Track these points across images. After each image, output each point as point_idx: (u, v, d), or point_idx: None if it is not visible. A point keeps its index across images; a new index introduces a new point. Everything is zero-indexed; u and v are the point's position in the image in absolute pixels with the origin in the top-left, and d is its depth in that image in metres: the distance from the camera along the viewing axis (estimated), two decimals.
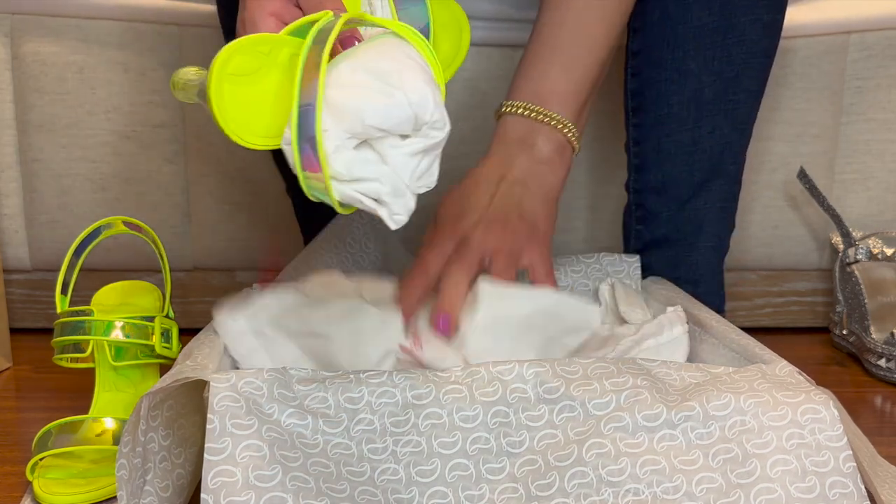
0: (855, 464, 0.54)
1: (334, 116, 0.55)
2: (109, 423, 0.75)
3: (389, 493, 0.55)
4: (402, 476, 0.55)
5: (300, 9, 0.62)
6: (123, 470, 0.55)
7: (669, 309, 0.76)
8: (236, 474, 0.51)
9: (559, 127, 0.81)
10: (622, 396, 0.57)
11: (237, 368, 0.69)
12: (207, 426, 0.53)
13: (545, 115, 0.80)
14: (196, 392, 0.64)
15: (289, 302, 0.74)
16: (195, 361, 0.60)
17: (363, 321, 0.73)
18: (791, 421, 0.55)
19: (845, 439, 0.55)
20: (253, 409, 0.54)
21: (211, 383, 0.55)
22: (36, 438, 0.74)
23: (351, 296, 0.75)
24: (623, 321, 0.81)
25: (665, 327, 0.73)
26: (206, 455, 0.52)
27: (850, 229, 1.13)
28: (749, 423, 0.55)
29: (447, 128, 0.58)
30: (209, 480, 0.51)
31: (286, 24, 0.60)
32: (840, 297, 1.12)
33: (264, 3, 0.61)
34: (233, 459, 0.51)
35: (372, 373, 0.59)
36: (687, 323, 0.75)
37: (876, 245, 1.11)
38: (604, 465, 0.55)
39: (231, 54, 0.56)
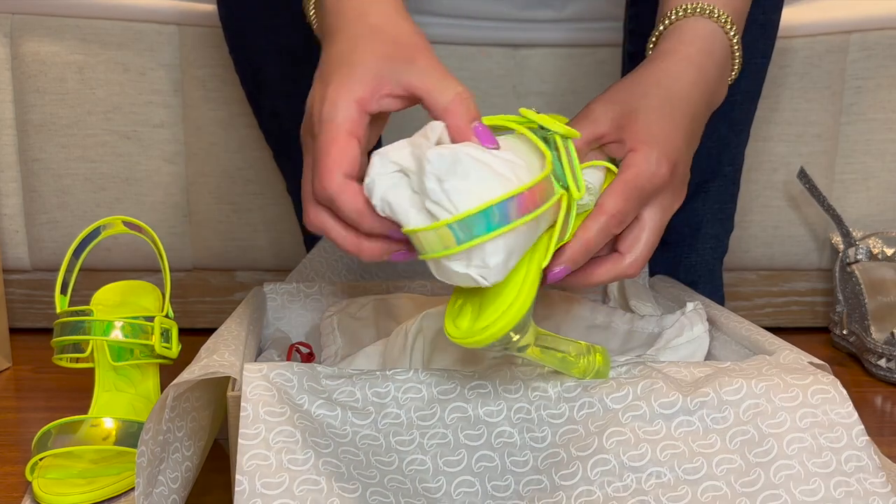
0: (867, 437, 0.56)
1: None
2: (109, 423, 0.75)
3: (417, 483, 0.56)
4: (429, 466, 0.57)
5: (399, 99, 0.58)
6: (143, 457, 0.56)
7: (689, 306, 0.76)
8: (270, 458, 0.52)
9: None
10: (638, 388, 0.59)
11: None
12: (241, 413, 0.54)
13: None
14: (212, 388, 0.64)
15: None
16: (223, 357, 0.61)
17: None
18: (802, 402, 0.57)
19: (856, 415, 0.57)
20: (284, 398, 0.56)
21: (244, 373, 0.56)
22: (36, 438, 0.74)
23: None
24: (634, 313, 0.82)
25: (686, 328, 0.73)
26: (240, 440, 0.53)
27: (850, 229, 1.13)
28: (762, 406, 0.57)
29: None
30: (244, 462, 0.52)
31: (369, 113, 0.57)
32: (840, 297, 1.12)
33: (351, 88, 0.57)
34: (266, 444, 0.53)
35: (398, 370, 0.60)
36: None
37: (876, 245, 1.11)
38: (625, 452, 0.56)
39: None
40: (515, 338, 0.55)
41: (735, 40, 0.71)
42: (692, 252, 0.98)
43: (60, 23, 1.08)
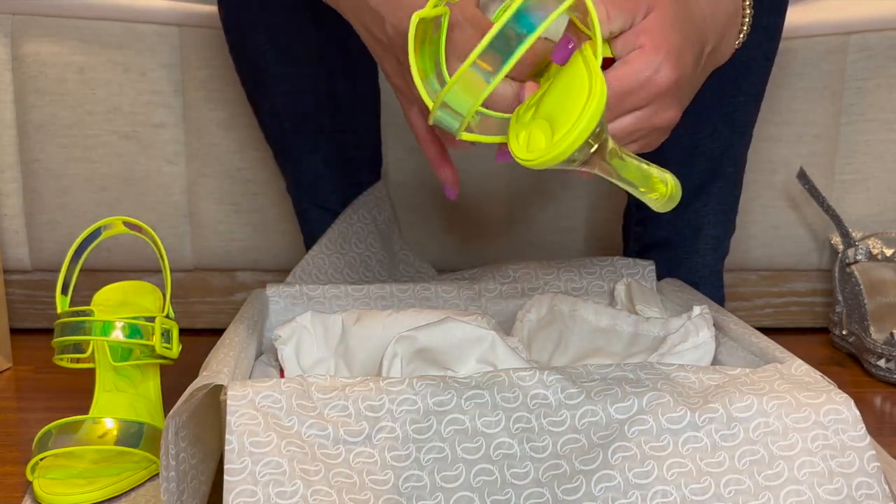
0: (879, 463, 0.55)
1: None
2: (109, 424, 0.75)
3: (414, 500, 0.54)
4: (426, 483, 0.55)
5: None
6: (167, 494, 0.56)
7: (696, 310, 0.75)
8: (257, 493, 0.52)
9: None
10: (644, 400, 0.57)
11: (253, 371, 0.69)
12: (226, 447, 0.53)
13: None
14: (214, 407, 0.63)
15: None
16: (210, 370, 0.60)
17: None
18: (815, 422, 0.56)
19: (868, 439, 0.56)
20: (271, 424, 0.54)
21: (228, 400, 0.55)
22: (36, 439, 0.74)
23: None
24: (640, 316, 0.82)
25: (691, 333, 0.73)
26: (226, 476, 0.52)
27: (850, 229, 1.13)
28: (773, 425, 0.56)
29: None
30: (231, 501, 0.51)
31: None
32: (840, 298, 1.13)
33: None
34: (253, 478, 0.52)
35: (391, 380, 0.58)
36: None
37: (875, 245, 1.11)
38: (630, 469, 0.55)
39: None
40: (594, 145, 0.53)
41: (748, 2, 0.68)
42: (693, 253, 0.98)
43: (60, 23, 1.08)
